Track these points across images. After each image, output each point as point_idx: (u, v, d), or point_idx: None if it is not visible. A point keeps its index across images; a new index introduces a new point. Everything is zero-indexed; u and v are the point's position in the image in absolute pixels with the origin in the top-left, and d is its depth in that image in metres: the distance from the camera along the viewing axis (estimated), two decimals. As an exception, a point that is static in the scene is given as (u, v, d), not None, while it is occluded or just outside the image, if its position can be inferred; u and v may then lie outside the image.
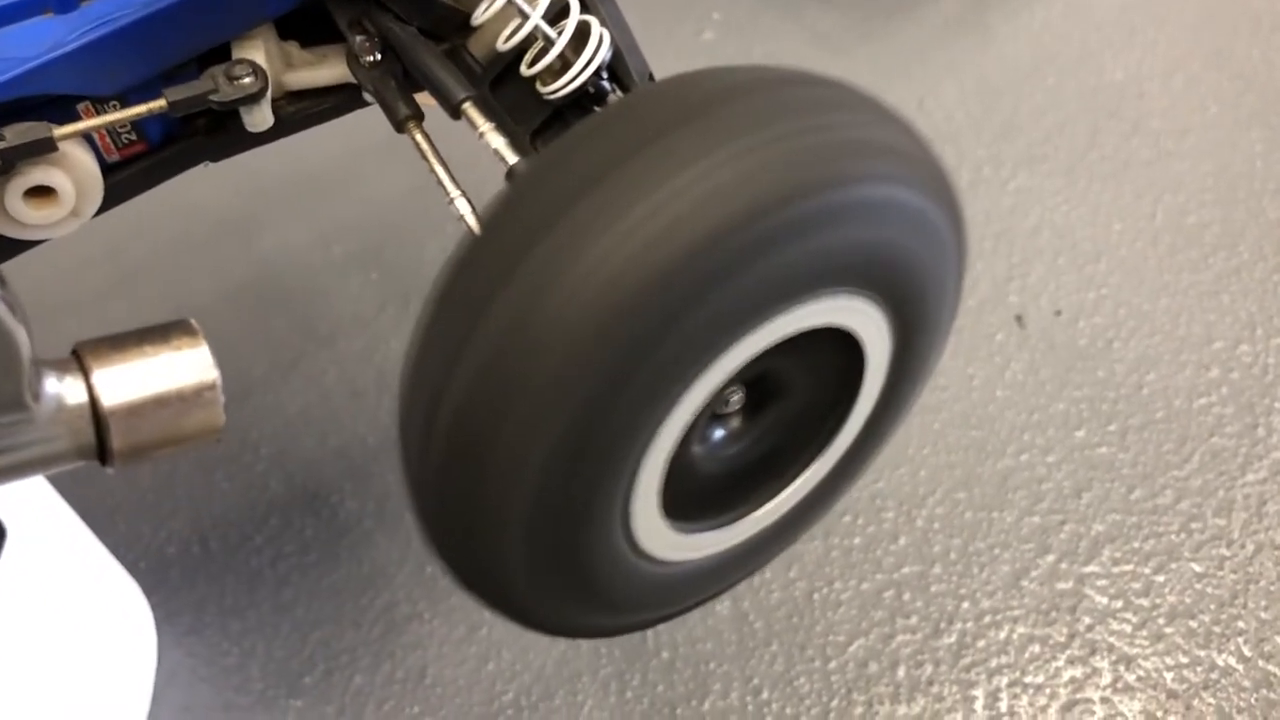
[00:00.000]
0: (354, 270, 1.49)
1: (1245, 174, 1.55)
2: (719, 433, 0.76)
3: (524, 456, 0.63)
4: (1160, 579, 1.19)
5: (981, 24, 1.78)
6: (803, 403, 0.76)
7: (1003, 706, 1.11)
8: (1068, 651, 1.14)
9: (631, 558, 0.72)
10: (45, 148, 0.68)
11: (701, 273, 0.60)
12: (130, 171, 0.78)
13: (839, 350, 0.72)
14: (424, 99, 0.81)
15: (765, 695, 1.12)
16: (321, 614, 1.18)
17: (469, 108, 0.74)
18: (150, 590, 1.19)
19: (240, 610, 1.19)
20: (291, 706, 1.13)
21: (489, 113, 0.74)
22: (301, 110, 0.81)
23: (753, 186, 0.61)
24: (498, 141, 0.73)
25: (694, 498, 0.74)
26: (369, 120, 1.67)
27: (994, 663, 1.14)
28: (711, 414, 0.73)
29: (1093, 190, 1.54)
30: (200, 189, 1.61)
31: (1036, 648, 1.15)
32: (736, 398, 0.74)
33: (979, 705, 1.11)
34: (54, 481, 1.08)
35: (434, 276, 1.32)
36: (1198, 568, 1.19)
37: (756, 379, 0.73)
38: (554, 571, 0.70)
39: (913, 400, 0.82)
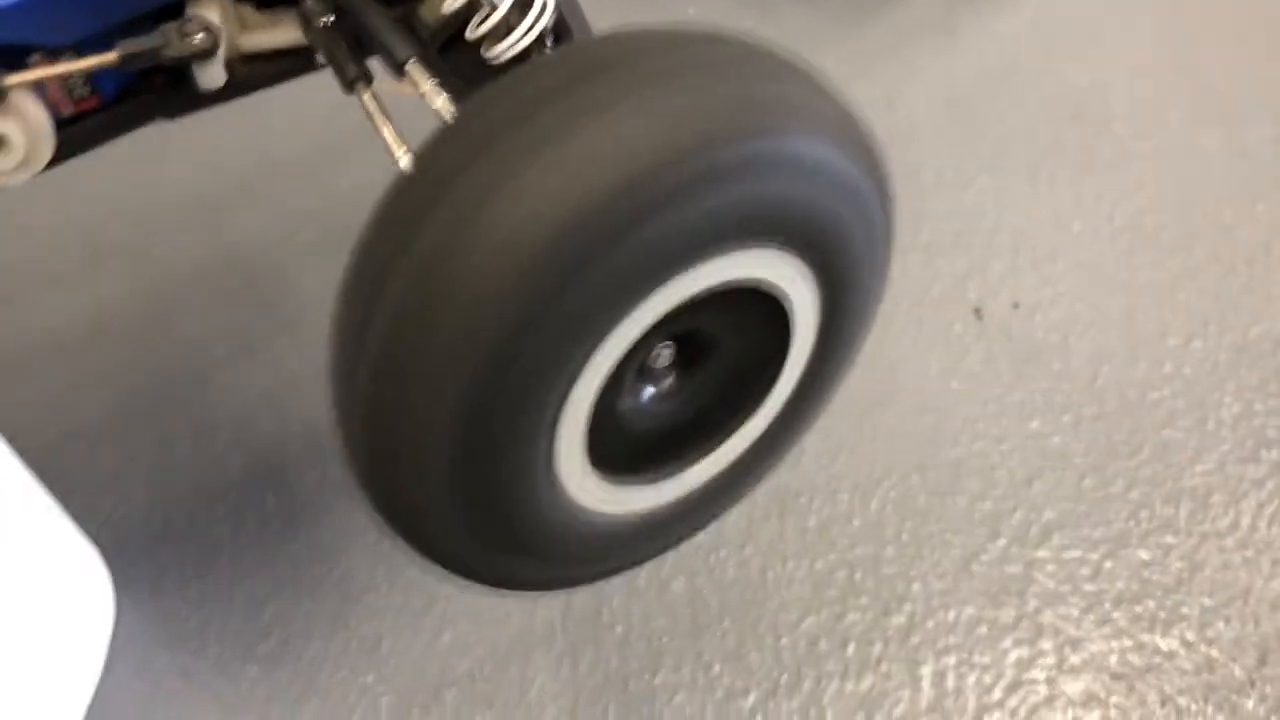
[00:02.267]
0: (319, 256, 1.51)
1: (1203, 179, 1.58)
2: (649, 389, 0.77)
3: (444, 387, 0.65)
4: (1108, 565, 1.20)
5: (949, 27, 1.81)
6: (733, 362, 0.78)
7: (949, 684, 1.12)
8: (1014, 633, 1.16)
9: (559, 505, 0.74)
10: (-7, 96, 0.69)
11: (614, 216, 0.62)
12: (84, 126, 0.79)
13: (767, 310, 0.74)
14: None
15: (716, 670, 1.13)
16: (279, 583, 1.20)
17: (412, 66, 0.76)
18: (110, 557, 1.20)
19: (199, 576, 1.20)
20: (247, 673, 1.14)
21: (434, 73, 0.76)
22: (255, 72, 0.83)
23: (664, 134, 0.63)
24: (439, 100, 0.75)
25: (626, 452, 0.76)
26: (339, 112, 1.69)
27: (942, 642, 1.15)
28: (641, 369, 0.74)
29: (1054, 191, 1.57)
30: (170, 173, 1.64)
31: (984, 629, 1.16)
32: (667, 353, 0.76)
33: (925, 684, 1.13)
34: (18, 450, 1.09)
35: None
36: (1145, 555, 1.21)
37: (687, 336, 0.74)
38: (481, 516, 0.71)
39: (846, 364, 0.84)
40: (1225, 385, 1.35)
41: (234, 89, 0.82)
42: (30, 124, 0.73)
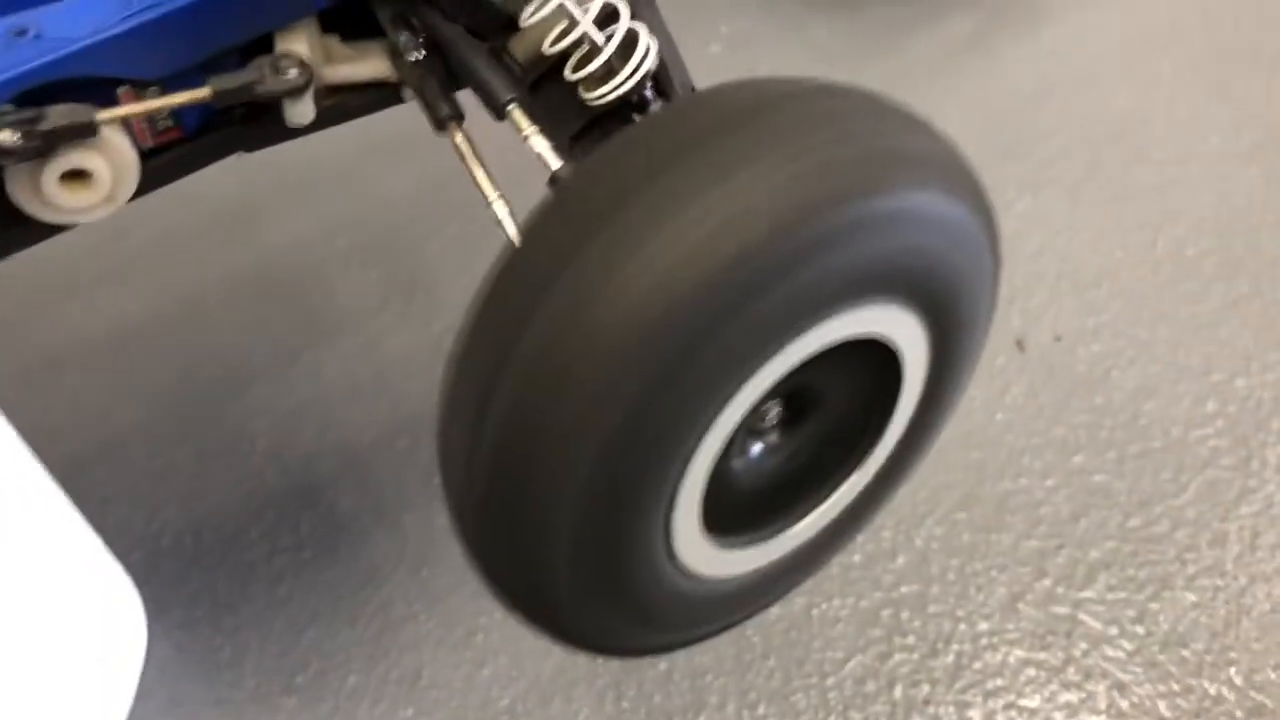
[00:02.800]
0: (357, 265, 1.48)
1: (1244, 208, 1.56)
2: (757, 447, 0.76)
3: (569, 467, 0.63)
4: (1155, 607, 1.19)
5: (988, 46, 1.79)
6: (840, 415, 0.76)
7: (998, 729, 1.11)
8: (1062, 676, 1.15)
9: (672, 573, 0.72)
10: (86, 131, 0.67)
11: (743, 282, 0.60)
12: (165, 159, 0.77)
13: (875, 361, 0.72)
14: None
15: (761, 710, 1.12)
16: (316, 611, 1.17)
17: (514, 110, 0.74)
18: (141, 582, 1.17)
19: (234, 605, 1.18)
20: (284, 704, 1.12)
21: (532, 116, 0.74)
22: (338, 105, 0.81)
23: (790, 198, 0.61)
24: (542, 145, 0.73)
25: (733, 512, 0.74)
26: (376, 116, 1.66)
27: (990, 685, 1.14)
28: (750, 428, 0.72)
29: (1095, 217, 1.55)
30: (203, 177, 1.59)
31: (1033, 671, 1.15)
32: (774, 412, 0.74)
33: (975, 727, 1.11)
34: (47, 466, 1.06)
35: (436, 274, 1.32)
36: (1192, 597, 1.20)
37: (793, 392, 0.72)
38: (594, 583, 0.69)
39: (951, 409, 0.82)
40: (1269, 424, 1.34)
41: (317, 122, 0.79)
42: (118, 159, 0.70)
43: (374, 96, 0.83)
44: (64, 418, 1.34)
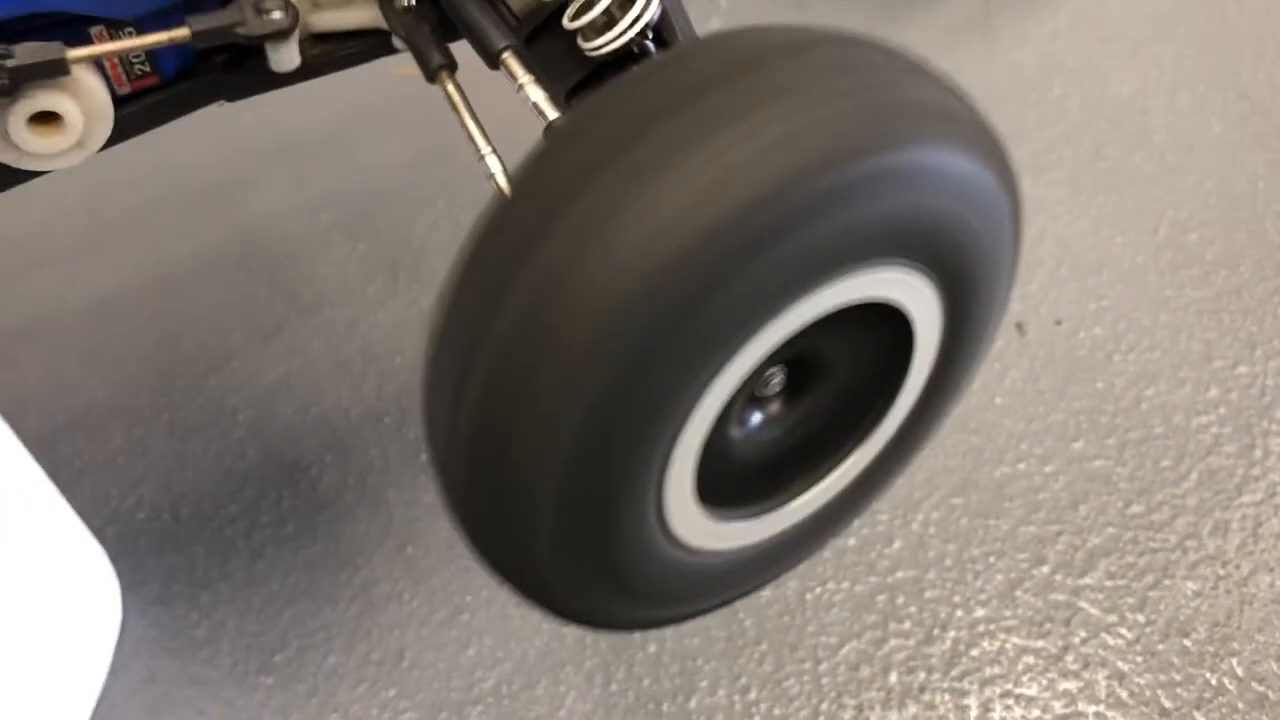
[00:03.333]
0: (342, 239, 1.44)
1: (1247, 194, 1.54)
2: (757, 416, 0.72)
3: (555, 426, 0.59)
4: (1155, 595, 1.17)
5: (988, 30, 1.77)
6: (846, 385, 0.73)
7: (995, 717, 1.09)
8: (1061, 664, 1.12)
9: (664, 544, 0.69)
10: (57, 70, 0.63)
11: (744, 239, 0.57)
12: (141, 105, 0.73)
13: (886, 328, 0.69)
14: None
15: (753, 695, 1.09)
16: (296, 589, 1.14)
17: (509, 58, 0.70)
18: (117, 557, 1.14)
19: (211, 582, 1.15)
20: (262, 684, 1.08)
21: (528, 65, 0.70)
22: (326, 54, 0.77)
23: (801, 147, 0.58)
24: (537, 95, 0.69)
25: (731, 484, 0.71)
26: (364, 86, 1.63)
27: (987, 672, 1.11)
28: (750, 395, 0.69)
29: (1095, 202, 1.53)
30: (185, 147, 1.57)
31: (1030, 659, 1.12)
32: (777, 379, 0.71)
33: (972, 715, 1.09)
34: (21, 438, 1.03)
35: (424, 249, 1.28)
36: (1193, 586, 1.17)
37: (798, 359, 0.69)
38: (583, 552, 0.66)
39: (963, 385, 0.79)
40: (1272, 412, 1.31)
41: (302, 72, 0.75)
42: (90, 102, 0.67)
43: (363, 45, 0.79)
44: (39, 389, 1.31)
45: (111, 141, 0.71)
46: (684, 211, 0.56)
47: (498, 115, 0.80)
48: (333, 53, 0.78)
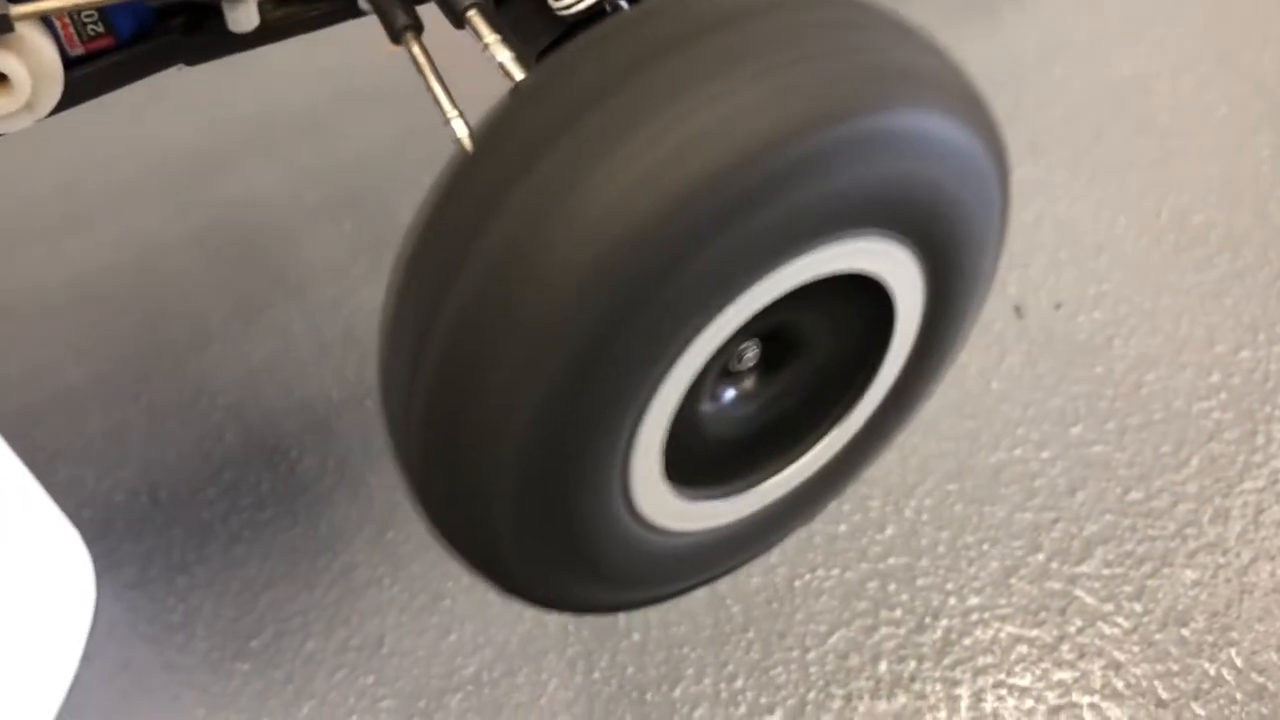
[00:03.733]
0: (326, 219, 1.42)
1: (1251, 178, 1.51)
2: (730, 392, 0.70)
3: (515, 401, 0.57)
4: (1153, 584, 1.14)
5: (990, 11, 1.74)
6: (824, 361, 0.70)
7: (987, 708, 1.06)
8: (1056, 653, 1.09)
9: (629, 523, 0.66)
10: (1, 27, 0.61)
11: (713, 206, 0.54)
12: (94, 67, 0.70)
13: (865, 301, 0.66)
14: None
15: (740, 683, 1.06)
16: (275, 574, 1.12)
17: (474, 16, 0.68)
18: (92, 540, 1.11)
19: (188, 566, 1.12)
20: (238, 670, 1.06)
21: (495, 25, 0.68)
22: (289, 16, 0.75)
23: (774, 110, 0.55)
24: (504, 55, 0.67)
25: (701, 463, 0.68)
26: (350, 65, 1.60)
27: (980, 662, 1.09)
28: (723, 370, 0.66)
29: (1097, 185, 1.50)
30: (168, 125, 1.54)
31: (1024, 648, 1.10)
32: (751, 354, 0.68)
33: (963, 705, 1.06)
34: (-5, 419, 1.01)
35: (407, 228, 1.23)
36: (1192, 574, 1.15)
37: (773, 333, 0.66)
38: (545, 530, 0.63)
39: (945, 364, 0.76)
40: (1274, 398, 1.28)
41: (264, 34, 0.73)
42: (37, 62, 0.64)
43: (327, 7, 0.77)
44: (15, 369, 1.29)
45: (64, 105, 0.69)
46: (649, 178, 0.54)
47: (472, 88, 0.78)
48: (296, 14, 0.75)
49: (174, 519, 1.15)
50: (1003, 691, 1.07)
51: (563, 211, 0.54)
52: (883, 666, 1.08)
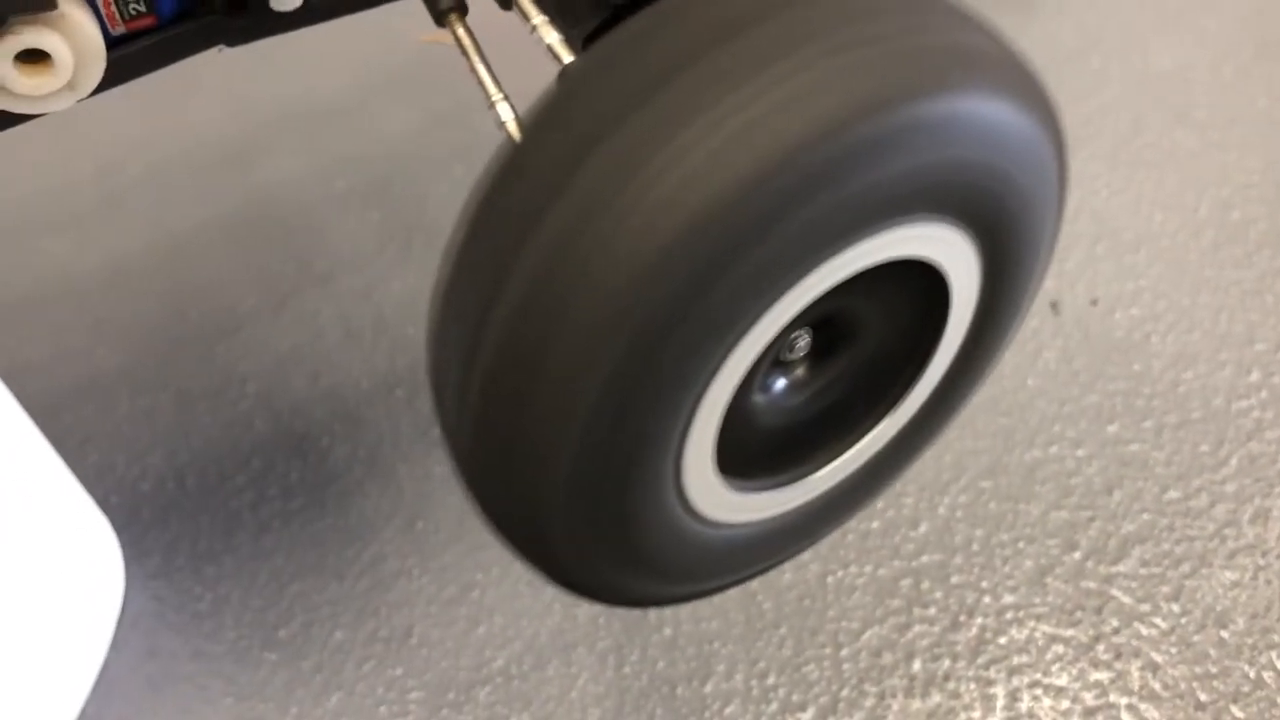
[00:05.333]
0: (356, 206, 1.41)
1: (1292, 172, 1.49)
2: (781, 381, 0.68)
3: (570, 396, 0.56)
4: (1191, 584, 1.12)
5: (1025, 1, 1.72)
6: (876, 349, 0.69)
7: (1023, 707, 1.04)
8: (1092, 653, 1.08)
9: (681, 516, 0.65)
10: (43, 4, 0.60)
11: (777, 192, 0.53)
12: (136, 48, 0.69)
13: (919, 287, 0.65)
14: None
15: (771, 680, 1.05)
16: (303, 564, 1.11)
17: (521, -5, 0.66)
18: (120, 527, 1.11)
19: (215, 554, 1.12)
20: (265, 659, 1.05)
21: (543, 6, 0.66)
22: (330, -4, 0.73)
23: (837, 93, 0.54)
24: (552, 37, 0.65)
25: (751, 454, 0.67)
26: (381, 51, 1.59)
27: (1015, 661, 1.07)
28: (775, 359, 0.65)
29: (1135, 178, 1.48)
30: (198, 111, 1.54)
31: (1060, 648, 1.08)
32: (803, 342, 0.67)
33: (998, 705, 1.05)
34: (25, 405, 1.00)
35: (439, 218, 1.23)
36: (1231, 575, 1.13)
37: (825, 320, 0.65)
38: (598, 525, 0.62)
39: (997, 354, 0.75)
40: (1316, 396, 1.27)
41: (308, 14, 0.72)
42: (80, 41, 0.63)
43: (370, -14, 0.76)
44: (45, 355, 1.28)
45: (104, 85, 0.68)
46: (709, 166, 0.52)
47: (515, 77, 0.76)
48: (339, -7, 0.74)
49: (202, 507, 1.14)
50: (1038, 691, 1.05)
51: (617, 206, 0.53)
52: (916, 665, 1.06)
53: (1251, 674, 1.07)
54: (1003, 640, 1.08)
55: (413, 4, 0.84)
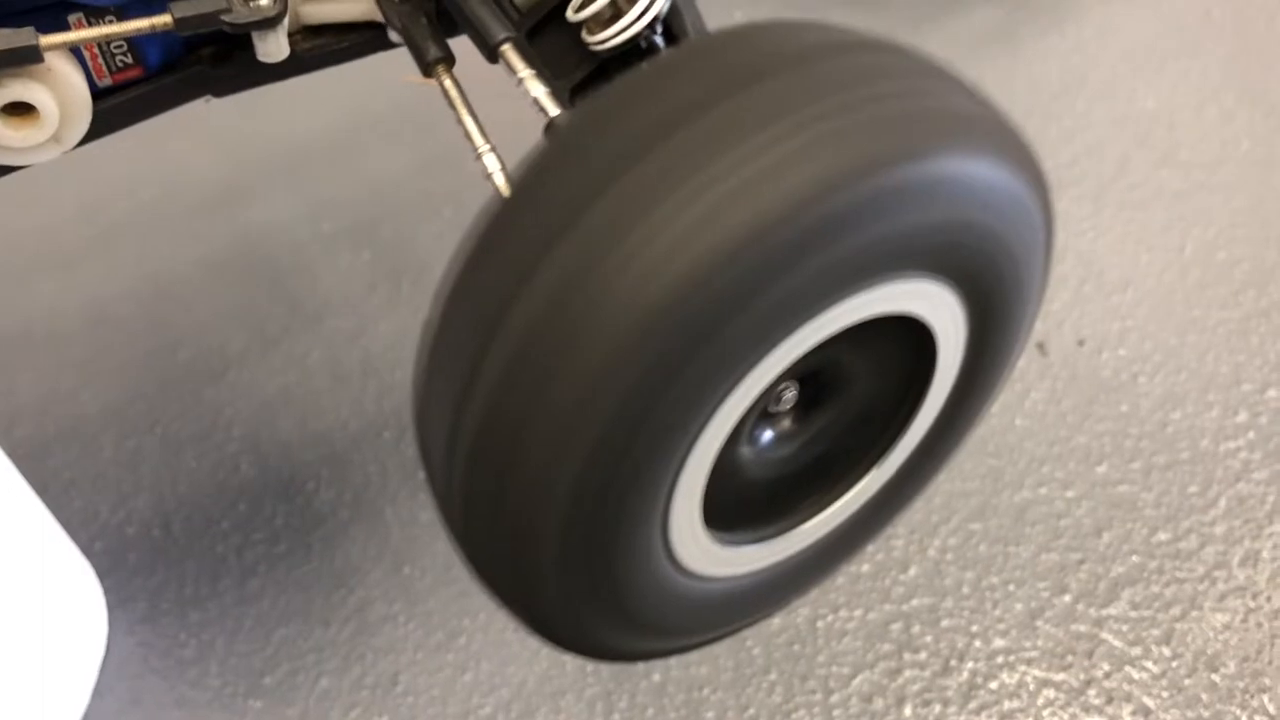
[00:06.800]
0: (345, 248, 1.41)
1: (1277, 212, 1.50)
2: (769, 433, 0.68)
3: (558, 461, 0.55)
4: (1182, 627, 1.12)
5: (1011, 41, 1.73)
6: (863, 401, 0.69)
7: (1014, 753, 1.04)
8: (1083, 698, 1.07)
9: (670, 573, 0.64)
10: (29, 57, 0.60)
11: (763, 257, 0.53)
12: (122, 99, 0.69)
13: (907, 341, 0.65)
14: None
15: (761, 726, 1.05)
16: (289, 609, 1.10)
17: (508, 50, 0.66)
18: (104, 573, 1.11)
19: (201, 600, 1.11)
20: (250, 707, 1.04)
21: (529, 59, 0.67)
22: (318, 48, 0.74)
23: (823, 160, 0.54)
24: (538, 90, 0.65)
25: (738, 506, 0.66)
26: (369, 93, 1.60)
27: (1006, 706, 1.07)
28: (762, 411, 0.65)
29: (1120, 219, 1.49)
30: (187, 152, 1.54)
31: (1051, 692, 1.08)
32: (790, 394, 0.67)
33: (989, 751, 1.04)
34: (6, 448, 0.99)
35: (429, 259, 1.23)
36: (1222, 618, 1.13)
37: (812, 373, 0.65)
38: (586, 582, 0.62)
39: (988, 403, 0.75)
40: (1304, 438, 1.27)
41: (293, 66, 0.72)
42: (66, 93, 0.63)
43: (357, 39, 0.76)
44: (29, 397, 1.27)
45: (91, 136, 0.68)
46: (695, 234, 0.52)
47: (500, 121, 0.76)
48: (326, 46, 0.74)
49: (188, 552, 1.13)
50: (1030, 737, 1.05)
51: (606, 267, 0.53)
52: (908, 710, 1.06)
53: (1244, 718, 1.06)
54: (994, 685, 1.08)
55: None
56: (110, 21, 0.65)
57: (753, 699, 1.06)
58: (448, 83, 0.70)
